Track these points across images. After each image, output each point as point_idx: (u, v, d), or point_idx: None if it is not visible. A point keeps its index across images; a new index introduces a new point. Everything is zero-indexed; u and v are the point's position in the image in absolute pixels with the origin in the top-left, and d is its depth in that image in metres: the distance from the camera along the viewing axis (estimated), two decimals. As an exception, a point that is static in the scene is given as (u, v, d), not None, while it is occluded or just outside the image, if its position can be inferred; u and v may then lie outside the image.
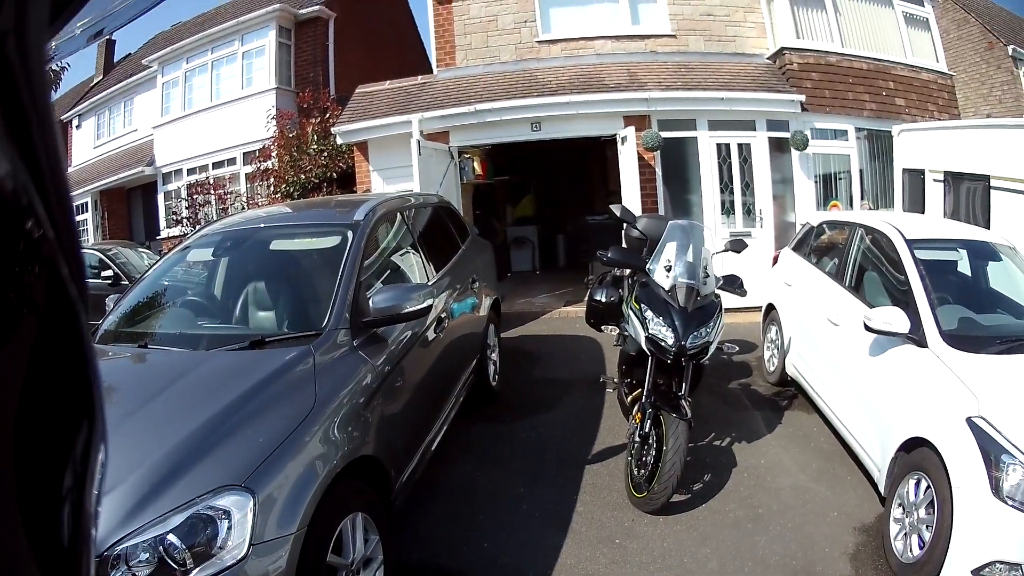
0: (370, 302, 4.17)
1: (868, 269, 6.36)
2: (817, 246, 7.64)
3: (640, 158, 11.17)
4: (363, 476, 3.70)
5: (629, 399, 5.90)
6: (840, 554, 4.96)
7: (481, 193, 13.50)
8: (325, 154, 13.73)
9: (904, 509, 4.75)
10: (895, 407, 5.03)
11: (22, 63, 0.41)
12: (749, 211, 11.54)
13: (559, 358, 8.80)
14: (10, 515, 0.46)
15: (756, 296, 8.27)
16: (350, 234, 4.67)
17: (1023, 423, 4.14)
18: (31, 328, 0.47)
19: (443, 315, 5.50)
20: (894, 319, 5.06)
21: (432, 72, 13.38)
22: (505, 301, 10.39)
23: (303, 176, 13.59)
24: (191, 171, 18.09)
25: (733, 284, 5.77)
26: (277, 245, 5.06)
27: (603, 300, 6.52)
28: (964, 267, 6.24)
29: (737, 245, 6.39)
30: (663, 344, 5.14)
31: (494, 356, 7.37)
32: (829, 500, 5.59)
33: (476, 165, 12.51)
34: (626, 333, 5.86)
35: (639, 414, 5.34)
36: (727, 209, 11.51)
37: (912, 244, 5.72)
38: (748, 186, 11.56)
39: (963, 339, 4.93)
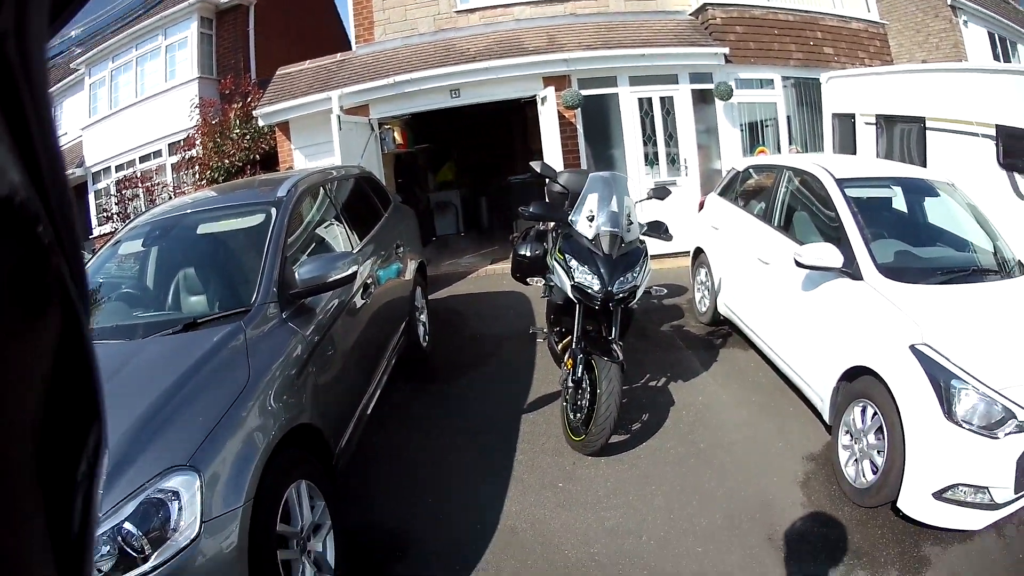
0: (296, 274, 4.10)
1: (797, 209, 6.17)
2: (744, 190, 7.45)
3: (561, 117, 10.91)
4: (303, 445, 3.63)
5: (560, 347, 5.76)
6: (790, 483, 4.74)
7: (403, 162, 13.25)
8: (248, 137, 13.31)
9: (852, 436, 4.60)
10: (834, 339, 4.88)
11: (22, 63, 0.39)
12: (673, 161, 11.34)
13: (488, 315, 8.56)
14: (35, 508, 0.45)
15: (684, 241, 8.10)
16: (273, 211, 4.64)
17: (969, 349, 4.02)
18: (41, 327, 0.44)
19: (369, 281, 5.40)
20: (826, 254, 4.92)
21: (352, 49, 12.99)
22: (431, 264, 10.14)
23: (227, 161, 13.17)
24: (119, 167, 17.29)
25: (658, 230, 5.58)
26: (204, 229, 4.96)
27: (528, 254, 6.34)
28: (900, 204, 6.07)
29: (660, 192, 6.19)
30: (590, 291, 4.99)
31: (423, 317, 7.19)
32: (772, 432, 5.41)
33: (396, 135, 12.23)
34: (552, 284, 5.68)
35: (571, 360, 5.18)
36: (651, 160, 11.31)
37: (841, 183, 5.55)
38: (672, 137, 11.35)
39: (901, 271, 4.81)
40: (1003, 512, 3.96)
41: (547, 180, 6.80)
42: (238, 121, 13.62)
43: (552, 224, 6.15)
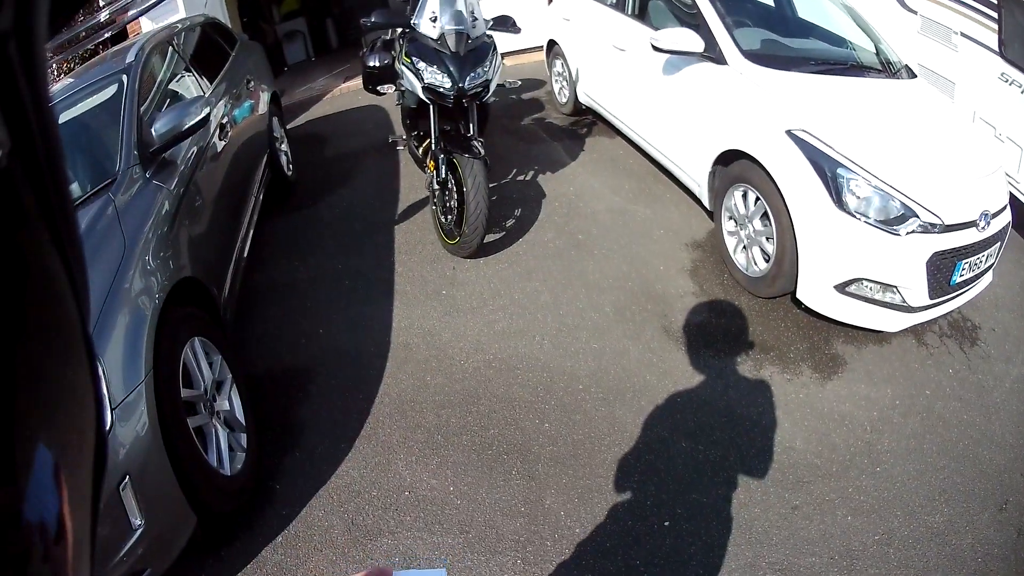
0: (152, 131, 3.90)
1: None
2: None
3: None
4: (188, 301, 3.43)
5: (421, 151, 5.46)
6: (678, 271, 4.60)
7: (245, 1, 12.24)
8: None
9: (736, 222, 4.41)
10: (703, 123, 4.62)
11: (23, 63, 0.36)
12: None
13: (348, 132, 8.00)
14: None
15: (536, 36, 7.77)
16: (125, 78, 4.43)
17: (856, 140, 3.79)
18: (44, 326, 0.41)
19: (225, 122, 5.07)
20: (684, 38, 4.59)
21: None
22: (286, 94, 9.73)
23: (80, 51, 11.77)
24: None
25: (505, 24, 5.27)
26: (65, 117, 4.60)
27: (376, 64, 6.05)
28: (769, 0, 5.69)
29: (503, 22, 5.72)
30: (441, 90, 4.68)
31: (284, 147, 6.71)
32: (651, 219, 5.22)
33: None
34: (404, 89, 5.36)
35: (432, 162, 4.90)
36: None
37: None
38: None
39: (769, 58, 4.51)
40: (920, 316, 3.87)
41: None
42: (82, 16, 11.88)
43: (399, 31, 5.75)
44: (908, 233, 3.59)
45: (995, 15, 5.34)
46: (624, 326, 4.15)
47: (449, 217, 4.86)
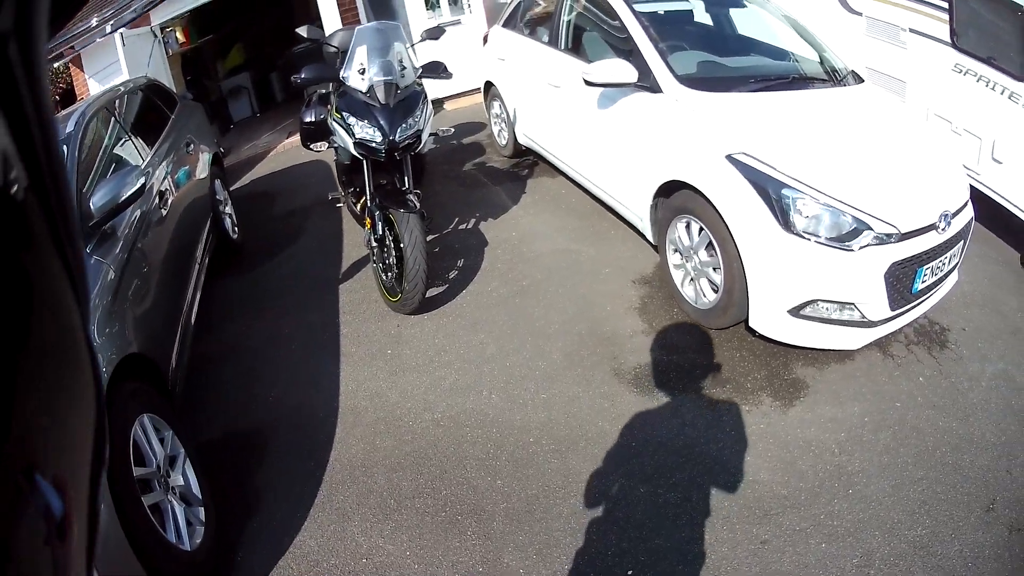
0: (90, 204, 3.78)
1: (585, 31, 5.67)
2: (528, 19, 6.86)
3: None
4: (135, 375, 3.32)
5: (358, 207, 5.38)
6: (626, 309, 4.51)
7: (189, 59, 12.29)
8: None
9: (681, 254, 4.31)
10: (641, 155, 4.52)
11: (23, 64, 0.38)
12: (455, 1, 10.43)
13: (292, 189, 7.96)
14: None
15: (474, 77, 7.79)
16: (64, 148, 4.31)
17: (800, 157, 3.69)
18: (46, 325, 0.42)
19: (165, 188, 4.97)
20: (616, 69, 4.49)
21: None
22: (232, 152, 9.78)
23: None
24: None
25: (436, 70, 5.24)
26: None
27: (313, 120, 5.98)
28: (703, 18, 5.61)
29: (433, 33, 5.67)
30: (373, 144, 4.62)
31: (228, 209, 6.65)
32: (597, 258, 5.14)
33: (179, 35, 11.57)
34: (337, 145, 5.31)
35: (368, 219, 4.83)
36: (432, 4, 10.35)
37: None
38: None
39: (705, 81, 4.41)
40: (882, 330, 3.75)
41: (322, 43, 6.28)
42: None
43: (333, 86, 5.65)
44: (862, 247, 3.48)
45: (945, 5, 5.33)
46: (574, 372, 4.04)
47: (389, 274, 4.76)
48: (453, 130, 5.67)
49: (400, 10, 10.30)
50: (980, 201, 4.55)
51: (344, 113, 4.71)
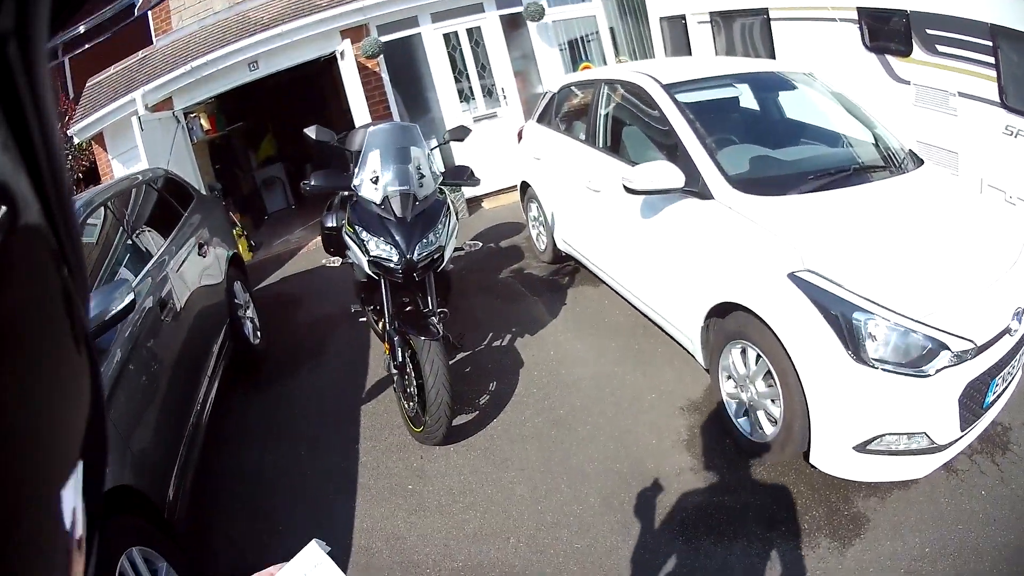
0: None
1: (625, 126, 5.28)
2: (564, 113, 6.51)
3: (363, 68, 10.04)
4: (125, 507, 3.13)
5: (380, 325, 5.03)
6: (673, 443, 4.01)
7: (218, 146, 12.14)
8: (69, 157, 12.00)
9: (736, 382, 3.79)
10: (692, 271, 4.03)
11: (23, 64, 0.37)
12: (490, 93, 10.40)
13: (321, 291, 7.70)
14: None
15: (513, 175, 7.44)
16: None
17: (869, 270, 3.19)
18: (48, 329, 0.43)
19: (166, 296, 4.56)
20: (661, 173, 4.04)
21: (152, 43, 11.73)
22: (263, 247, 9.76)
23: None
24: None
25: (460, 176, 4.91)
26: None
27: (335, 225, 5.65)
28: (750, 104, 5.20)
29: (457, 134, 5.37)
30: (389, 264, 4.25)
31: (249, 313, 6.32)
32: (640, 383, 4.64)
33: (203, 122, 11.31)
34: (350, 261, 5.00)
35: (387, 344, 4.39)
36: (466, 96, 10.35)
37: (671, 88, 4.61)
38: (485, 68, 10.42)
39: (760, 182, 3.94)
40: (950, 452, 3.24)
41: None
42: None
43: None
44: (938, 371, 2.97)
45: (991, 60, 4.92)
46: (612, 518, 3.54)
47: (412, 403, 4.37)
48: (480, 244, 5.33)
49: (433, 103, 10.23)
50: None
51: (357, 227, 4.36)
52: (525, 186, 7.08)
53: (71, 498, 0.40)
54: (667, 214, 4.26)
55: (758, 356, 3.52)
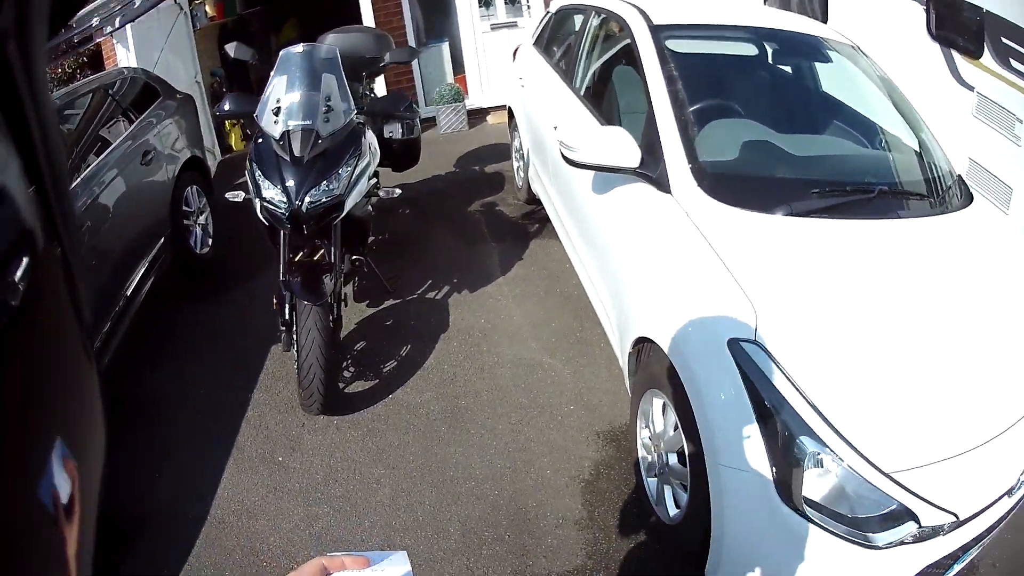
0: None
1: (604, 70, 4.33)
2: (555, 39, 5.56)
3: None
4: None
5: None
6: (570, 480, 3.31)
7: (230, 31, 11.31)
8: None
9: (651, 436, 2.94)
10: (627, 279, 3.13)
11: (23, 63, 0.39)
12: (514, 0, 9.22)
13: None
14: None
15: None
16: None
17: (839, 358, 2.26)
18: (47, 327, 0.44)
19: (81, 222, 4.17)
20: (611, 144, 3.08)
21: None
22: None
23: (59, 71, 11.54)
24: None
25: (394, 106, 4.30)
26: None
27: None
28: (767, 68, 4.15)
29: (400, 55, 4.88)
30: (277, 212, 3.62)
31: (202, 220, 5.97)
32: (565, 385, 3.90)
33: (208, 8, 10.82)
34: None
35: (276, 300, 3.84)
36: (485, 1, 9.17)
37: (659, 31, 3.61)
38: None
39: (739, 183, 2.94)
40: None
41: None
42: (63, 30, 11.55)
43: None
44: (890, 545, 2.08)
45: None
46: (463, 560, 2.96)
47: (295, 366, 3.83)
48: (399, 192, 4.59)
49: (451, 8, 9.26)
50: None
51: (254, 164, 3.70)
52: (511, 113, 6.19)
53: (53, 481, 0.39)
54: (616, 197, 3.35)
55: (676, 425, 2.64)
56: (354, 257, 4.09)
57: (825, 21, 5.32)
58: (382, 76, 7.10)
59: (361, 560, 0.93)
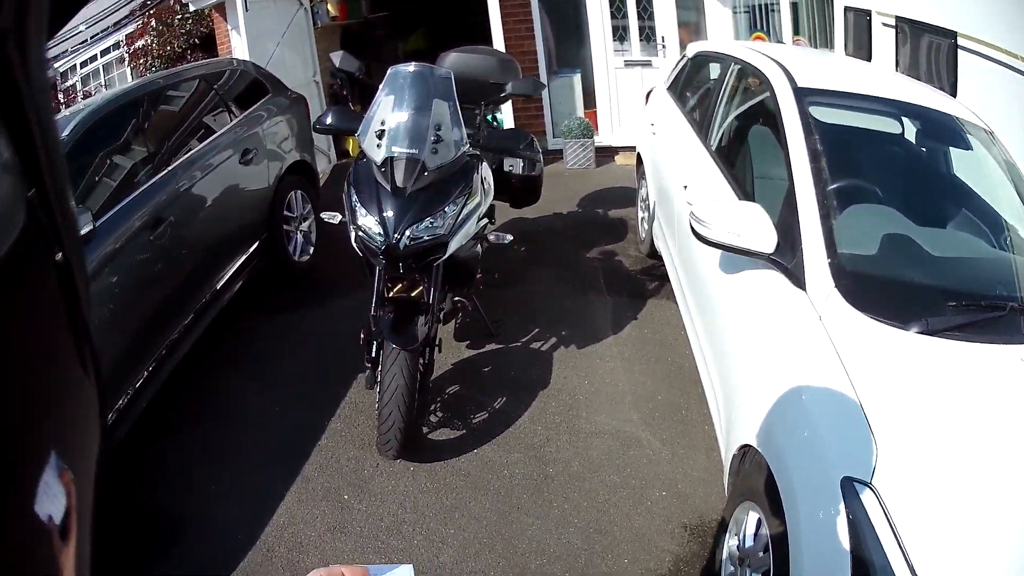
0: None
1: (743, 129, 4.05)
2: (691, 86, 5.31)
3: None
4: None
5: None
6: (645, 574, 3.06)
7: (353, 34, 11.48)
8: (190, 21, 11.94)
9: (740, 545, 2.61)
10: (743, 374, 2.84)
11: (22, 63, 0.39)
12: (649, 38, 9.01)
13: None
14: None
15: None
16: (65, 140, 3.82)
17: (954, 521, 1.93)
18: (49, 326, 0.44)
19: (163, 213, 4.21)
20: (745, 223, 2.80)
21: None
22: None
23: (168, 48, 12.11)
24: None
25: (512, 144, 4.05)
26: None
27: None
28: (904, 147, 3.78)
29: (523, 87, 4.63)
30: (371, 245, 3.46)
31: (304, 226, 5.90)
32: (660, 466, 3.62)
33: (330, 7, 10.71)
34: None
35: (363, 339, 3.65)
36: (620, 35, 9.00)
37: (804, 94, 3.34)
38: (647, 10, 8.99)
39: (879, 288, 2.64)
40: None
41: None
42: (179, 6, 12.10)
43: None
44: None
45: None
46: None
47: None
48: (511, 238, 4.38)
49: (584, 35, 9.01)
50: None
51: (351, 187, 3.58)
52: (640, 159, 5.91)
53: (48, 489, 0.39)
54: (743, 280, 3.05)
55: (767, 547, 2.34)
56: (456, 298, 3.91)
57: (954, 95, 4.88)
58: (509, 102, 6.91)
59: (359, 571, 0.89)
